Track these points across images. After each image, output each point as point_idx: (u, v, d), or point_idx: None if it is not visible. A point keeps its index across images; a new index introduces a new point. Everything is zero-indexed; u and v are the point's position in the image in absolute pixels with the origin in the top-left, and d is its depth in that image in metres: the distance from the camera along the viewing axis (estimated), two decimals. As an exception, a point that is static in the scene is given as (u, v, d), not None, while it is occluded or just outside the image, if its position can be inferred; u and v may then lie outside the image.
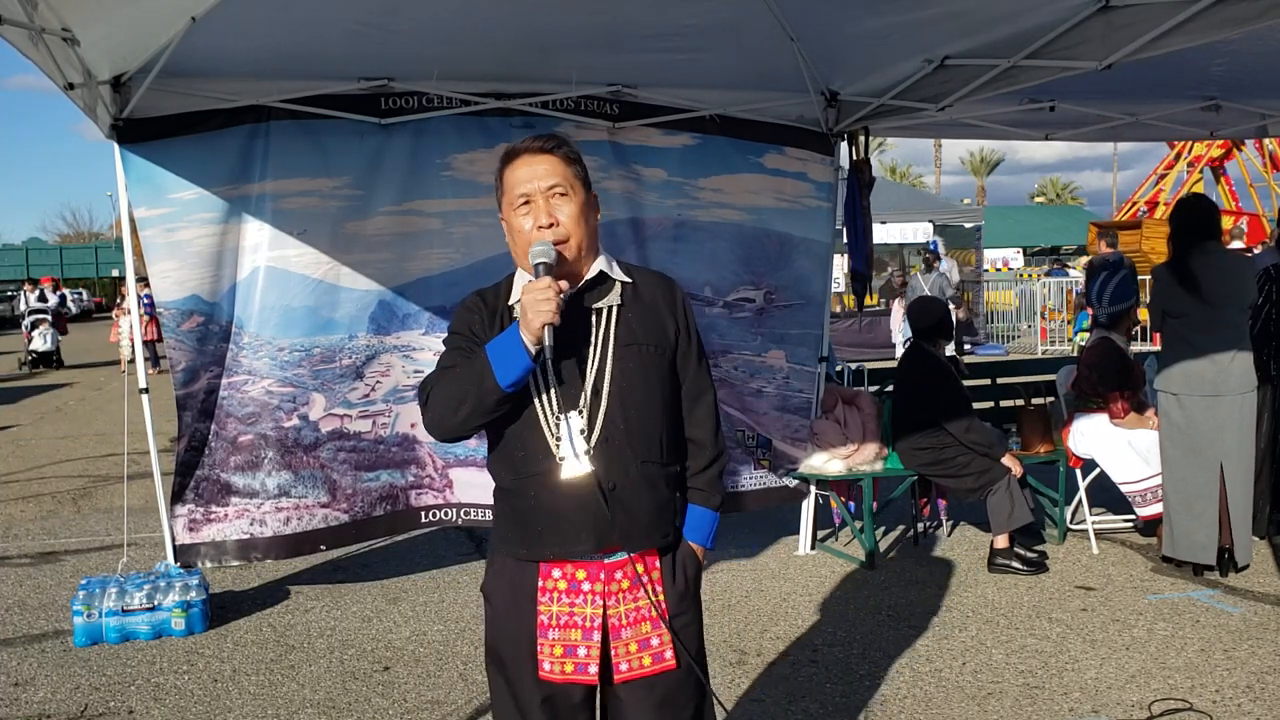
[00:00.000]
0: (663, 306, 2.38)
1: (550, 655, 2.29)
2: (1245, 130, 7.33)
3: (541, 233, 2.25)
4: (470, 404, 2.21)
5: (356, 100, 5.23)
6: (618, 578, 2.30)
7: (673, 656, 2.32)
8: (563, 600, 2.29)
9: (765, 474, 6.06)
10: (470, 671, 4.42)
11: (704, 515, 2.43)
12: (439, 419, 2.27)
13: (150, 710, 4.12)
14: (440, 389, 2.26)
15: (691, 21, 4.84)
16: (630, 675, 2.31)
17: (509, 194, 2.31)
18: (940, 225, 19.93)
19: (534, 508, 2.28)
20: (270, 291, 5.16)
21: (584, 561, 2.28)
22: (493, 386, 2.18)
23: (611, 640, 2.29)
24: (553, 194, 2.28)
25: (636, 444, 2.28)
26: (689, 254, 5.75)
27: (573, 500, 2.24)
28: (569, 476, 2.24)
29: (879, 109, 5.83)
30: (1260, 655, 4.35)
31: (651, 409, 2.31)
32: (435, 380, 2.29)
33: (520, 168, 2.30)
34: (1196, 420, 5.23)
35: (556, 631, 2.29)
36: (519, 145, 2.33)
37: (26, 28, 3.43)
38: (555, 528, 2.26)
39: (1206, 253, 5.24)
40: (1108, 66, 4.48)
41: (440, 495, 5.54)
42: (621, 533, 2.26)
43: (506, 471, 2.34)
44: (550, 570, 2.30)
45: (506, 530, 2.36)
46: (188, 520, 5.19)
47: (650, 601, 2.31)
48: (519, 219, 2.29)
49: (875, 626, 4.86)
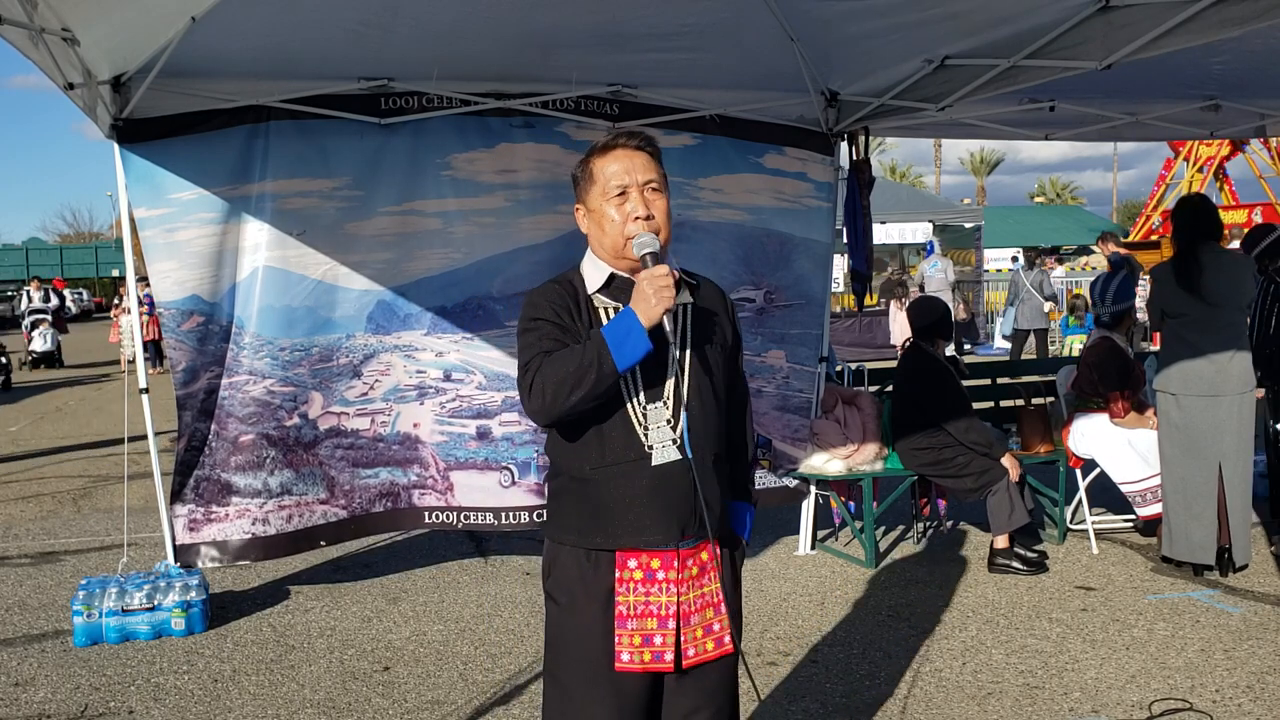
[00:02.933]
0: (720, 310, 2.48)
1: (629, 645, 2.33)
2: (1245, 130, 7.33)
3: (639, 224, 2.31)
4: (587, 386, 2.22)
5: (356, 100, 5.24)
6: (689, 565, 2.37)
7: (730, 640, 2.41)
8: (639, 590, 2.34)
9: (765, 474, 6.06)
10: (470, 671, 4.42)
11: (745, 510, 2.56)
12: (550, 401, 2.24)
13: (150, 710, 4.12)
14: (549, 372, 2.24)
15: (691, 21, 4.85)
16: (697, 660, 2.38)
17: (602, 184, 2.35)
18: (940, 225, 19.95)
19: (618, 497, 2.31)
20: (270, 292, 5.16)
21: (658, 550, 2.33)
22: (611, 370, 2.22)
23: (683, 627, 2.36)
24: (648, 188, 2.34)
25: (710, 437, 2.38)
26: (689, 254, 5.73)
27: (661, 489, 2.30)
28: (661, 463, 2.30)
29: (879, 109, 5.84)
30: (1260, 655, 4.35)
31: (718, 406, 2.42)
32: (540, 363, 2.26)
33: (617, 160, 2.35)
34: (1195, 420, 5.23)
35: (635, 621, 2.33)
36: (614, 139, 2.39)
37: (26, 28, 3.43)
38: (640, 517, 2.31)
39: (1207, 252, 5.24)
40: (1108, 66, 4.48)
41: (442, 498, 5.54)
42: (701, 521, 2.33)
43: (586, 461, 2.34)
44: (626, 560, 2.34)
45: (579, 522, 2.36)
46: (188, 520, 5.19)
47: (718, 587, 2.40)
48: (612, 209, 2.34)
49: (875, 626, 4.86)
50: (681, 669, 2.37)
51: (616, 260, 2.37)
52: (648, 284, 2.21)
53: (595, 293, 2.38)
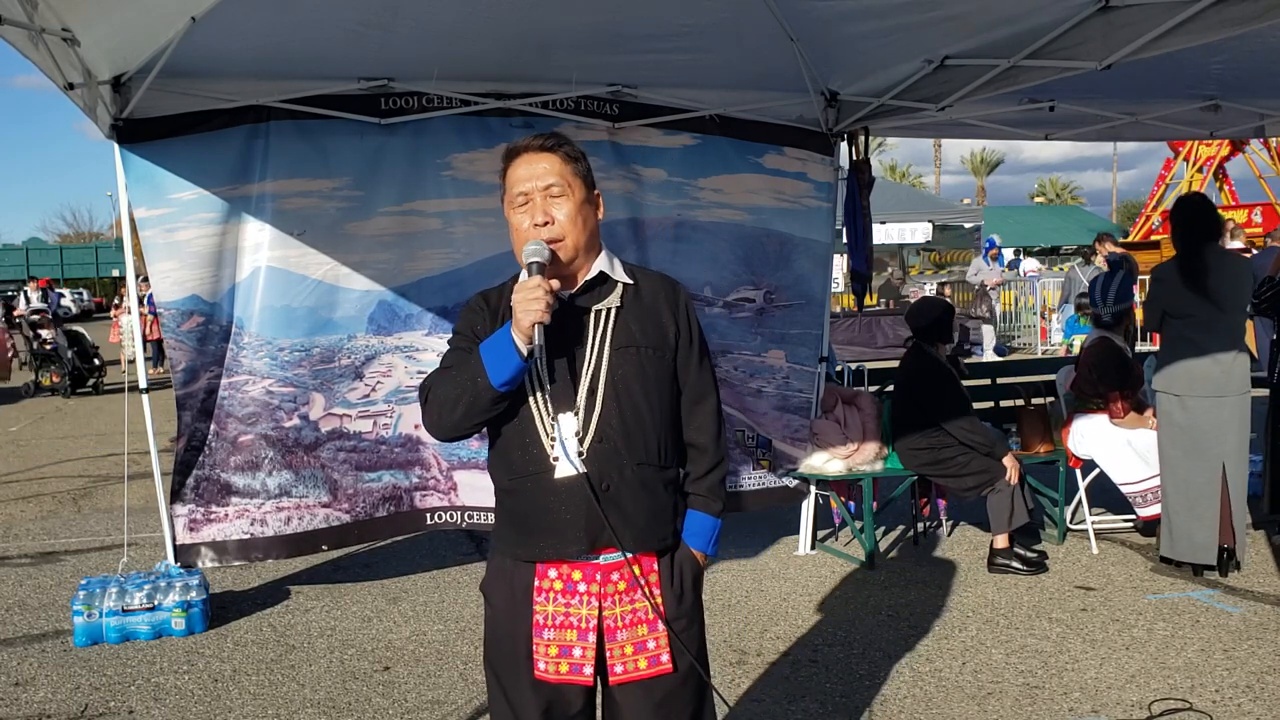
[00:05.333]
0: (664, 308, 2.37)
1: (545, 655, 2.29)
2: (1245, 130, 7.33)
3: (537, 231, 2.26)
4: (465, 403, 2.24)
5: (356, 100, 5.24)
6: (614, 579, 2.30)
7: (669, 660, 2.31)
8: (558, 600, 2.30)
9: (765, 474, 6.06)
10: (470, 671, 4.42)
11: (704, 521, 2.41)
12: (437, 419, 2.30)
13: (150, 710, 4.12)
14: (438, 389, 2.29)
15: (691, 21, 4.84)
16: (625, 678, 2.31)
17: (509, 192, 2.33)
18: (940, 225, 19.95)
19: (530, 508, 2.30)
20: (270, 292, 5.16)
21: (579, 562, 2.29)
22: (486, 386, 2.20)
23: (607, 642, 2.30)
24: (549, 193, 2.28)
25: (632, 446, 2.28)
26: (689, 254, 5.75)
27: (565, 501, 2.25)
28: (561, 477, 2.25)
29: (879, 109, 5.83)
30: (1260, 655, 4.35)
31: (648, 411, 2.31)
32: (434, 380, 2.32)
33: (520, 166, 2.31)
34: (1200, 421, 5.22)
35: (552, 631, 2.29)
36: (520, 144, 2.34)
37: (26, 28, 3.43)
38: (549, 528, 2.27)
39: (1209, 253, 5.23)
40: (1108, 66, 4.48)
41: (445, 498, 5.54)
42: (614, 534, 2.24)
43: (504, 472, 2.36)
44: (546, 570, 2.31)
45: (504, 530, 2.39)
46: (188, 520, 5.19)
47: (648, 603, 2.30)
48: (517, 217, 2.31)
49: (875, 626, 4.86)
50: (608, 684, 2.32)
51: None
52: (516, 297, 2.16)
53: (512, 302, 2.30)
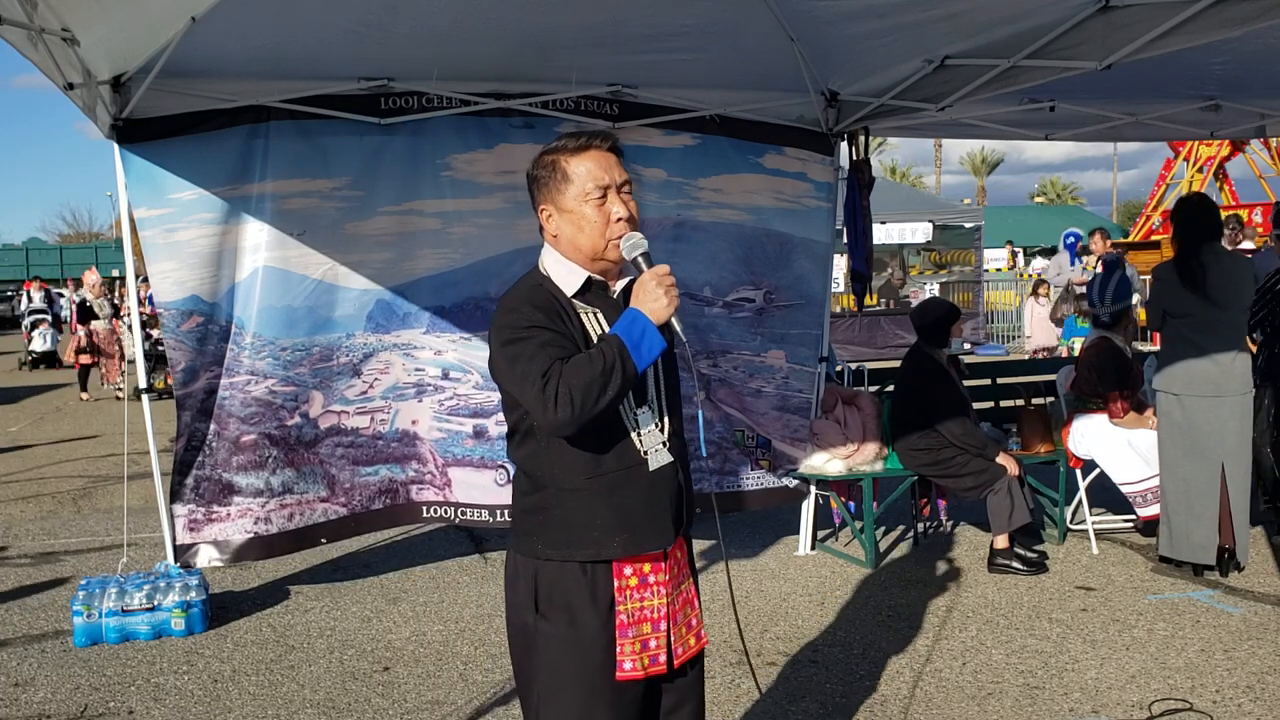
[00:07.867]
0: None
1: (631, 654, 2.30)
2: (1245, 130, 7.33)
3: (621, 225, 2.29)
4: (613, 391, 2.14)
5: (356, 100, 5.24)
6: (673, 566, 2.38)
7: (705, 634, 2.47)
8: (634, 597, 2.32)
9: (765, 474, 6.06)
10: (470, 671, 4.42)
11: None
12: (579, 409, 2.12)
13: (150, 710, 4.12)
14: (574, 378, 2.12)
15: (691, 21, 4.85)
16: (684, 657, 2.39)
17: (579, 184, 2.27)
18: (940, 225, 19.92)
19: (615, 506, 2.25)
20: (270, 292, 5.16)
21: (650, 555, 2.33)
22: (633, 372, 2.17)
23: (672, 627, 2.36)
24: (624, 189, 2.32)
25: (683, 436, 2.41)
26: (689, 254, 5.74)
27: (656, 494, 2.30)
28: (657, 467, 2.29)
29: (879, 109, 5.83)
30: (1260, 655, 4.35)
31: (681, 404, 2.44)
32: (559, 371, 2.13)
33: (593, 159, 2.29)
34: (1199, 421, 5.22)
35: (634, 629, 2.31)
36: (585, 140, 2.31)
37: (26, 28, 3.43)
38: (638, 523, 2.27)
39: (1209, 253, 5.23)
40: (1108, 66, 4.48)
41: (440, 493, 5.55)
42: (689, 521, 2.37)
43: (579, 471, 2.25)
44: (622, 569, 2.30)
45: (572, 535, 2.26)
46: (188, 520, 5.19)
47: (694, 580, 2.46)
48: (591, 209, 2.27)
49: (875, 626, 4.86)
50: (673, 669, 2.37)
51: (592, 263, 2.30)
52: (655, 283, 2.19)
53: (573, 297, 2.30)
